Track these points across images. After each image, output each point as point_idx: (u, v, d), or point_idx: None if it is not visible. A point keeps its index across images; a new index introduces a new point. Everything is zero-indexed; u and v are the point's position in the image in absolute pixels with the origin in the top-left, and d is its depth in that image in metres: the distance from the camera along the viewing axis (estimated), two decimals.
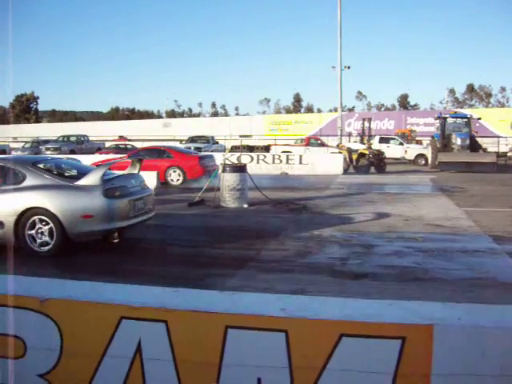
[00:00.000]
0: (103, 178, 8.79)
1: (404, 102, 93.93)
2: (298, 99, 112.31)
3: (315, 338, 2.75)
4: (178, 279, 7.11)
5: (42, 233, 8.58)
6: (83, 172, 9.43)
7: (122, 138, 60.98)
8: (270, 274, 7.65)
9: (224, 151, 33.47)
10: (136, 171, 10.05)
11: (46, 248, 8.60)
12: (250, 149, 33.45)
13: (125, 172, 9.96)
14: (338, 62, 44.27)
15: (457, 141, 28.76)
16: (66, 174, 9.52)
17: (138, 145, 46.17)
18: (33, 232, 8.60)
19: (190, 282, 6.81)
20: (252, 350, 2.81)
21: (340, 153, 28.60)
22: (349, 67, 45.62)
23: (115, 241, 9.36)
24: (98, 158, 23.04)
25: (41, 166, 9.34)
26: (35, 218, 8.60)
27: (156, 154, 19.78)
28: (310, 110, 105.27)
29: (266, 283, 7.10)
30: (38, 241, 8.61)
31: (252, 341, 2.80)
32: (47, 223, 8.55)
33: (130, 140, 56.56)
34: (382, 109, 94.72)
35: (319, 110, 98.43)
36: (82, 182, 8.81)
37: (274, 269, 7.96)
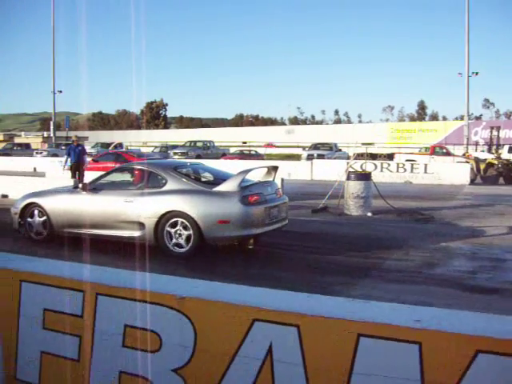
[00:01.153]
0: (241, 185, 8.99)
1: None
2: (422, 107, 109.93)
3: (450, 352, 2.66)
4: (302, 285, 7.15)
5: (180, 235, 8.93)
6: (220, 178, 9.73)
7: (269, 144, 62.40)
8: (395, 285, 7.52)
9: (347, 158, 33.31)
10: (272, 179, 10.19)
11: (183, 249, 8.94)
12: (373, 157, 33.05)
13: (261, 179, 10.11)
14: (466, 68, 42.91)
15: None
16: (204, 180, 9.86)
17: (262, 151, 46.89)
18: (171, 234, 8.98)
19: (315, 289, 6.82)
20: (384, 360, 2.76)
21: (467, 162, 27.64)
22: (477, 73, 44.09)
23: (250, 247, 9.55)
24: None
25: (181, 171, 9.74)
26: (175, 220, 8.96)
27: (114, 157, 23.37)
28: (434, 117, 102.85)
29: (391, 293, 6.98)
30: (176, 242, 8.97)
31: (384, 351, 2.75)
32: (186, 226, 8.88)
33: (277, 146, 57.81)
34: None
35: (444, 118, 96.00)
36: (220, 188, 9.06)
37: (399, 279, 7.81)
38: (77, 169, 19.52)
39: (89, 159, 20.56)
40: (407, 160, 30.77)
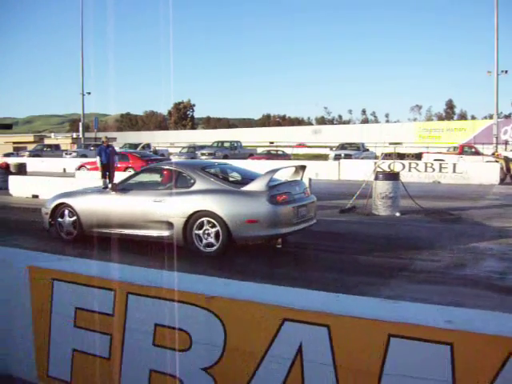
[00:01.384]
0: (269, 185, 8.99)
1: None
2: (450, 106, 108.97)
3: (482, 353, 2.62)
4: (330, 285, 7.12)
5: (208, 234, 8.96)
6: (247, 177, 9.75)
7: (301, 144, 62.59)
8: (424, 285, 7.46)
9: (375, 158, 33.13)
10: (299, 178, 10.17)
11: (212, 249, 8.96)
12: (401, 156, 32.82)
13: (289, 179, 10.08)
14: (495, 66, 42.35)
15: None
16: (232, 180, 9.87)
17: (288, 151, 46.84)
18: (200, 233, 9.02)
19: (343, 289, 6.79)
20: (415, 361, 2.73)
21: (496, 162, 27.28)
22: (506, 71, 43.52)
23: (278, 246, 9.54)
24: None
25: (209, 171, 9.79)
26: (203, 220, 9.00)
27: (120, 157, 25.28)
28: (463, 116, 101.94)
29: (420, 294, 6.92)
30: (204, 242, 9.00)
31: (415, 351, 2.73)
32: (214, 226, 8.90)
33: (308, 146, 58.15)
34: None
35: (473, 117, 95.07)
36: (248, 187, 9.07)
37: (428, 280, 7.74)
38: (107, 169, 19.65)
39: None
40: (435, 160, 30.50)
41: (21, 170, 24.47)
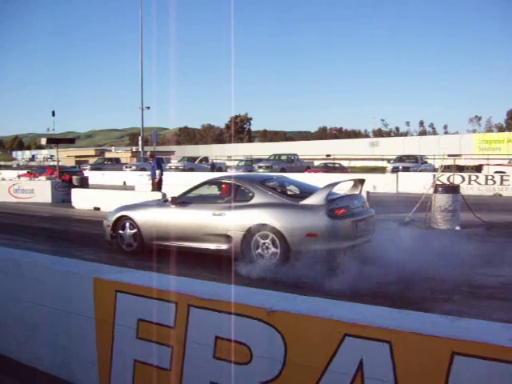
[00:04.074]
0: (328, 198, 8.97)
1: None
2: (511, 116, 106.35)
3: None
4: (390, 300, 7.04)
5: (266, 248, 8.98)
6: (306, 191, 9.75)
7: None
8: (486, 301, 7.28)
9: (433, 171, 32.63)
10: (358, 192, 10.11)
11: (270, 262, 8.92)
12: (460, 169, 32.24)
13: (347, 192, 10.04)
14: None
15: None
16: (290, 193, 9.88)
17: (345, 164, 46.58)
18: (259, 247, 9.05)
19: (403, 305, 6.70)
20: (479, 380, 2.67)
21: None
22: None
23: (337, 261, 9.45)
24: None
25: (268, 184, 9.83)
26: (262, 233, 9.02)
27: (42, 170, 34.18)
28: None
29: (484, 310, 6.76)
30: (262, 255, 9.01)
31: (479, 370, 2.66)
32: (272, 239, 8.92)
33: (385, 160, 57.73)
34: None
35: None
36: (306, 201, 9.05)
37: (491, 296, 7.55)
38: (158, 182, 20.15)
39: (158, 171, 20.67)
40: (496, 172, 29.86)
41: (83, 183, 25.06)
